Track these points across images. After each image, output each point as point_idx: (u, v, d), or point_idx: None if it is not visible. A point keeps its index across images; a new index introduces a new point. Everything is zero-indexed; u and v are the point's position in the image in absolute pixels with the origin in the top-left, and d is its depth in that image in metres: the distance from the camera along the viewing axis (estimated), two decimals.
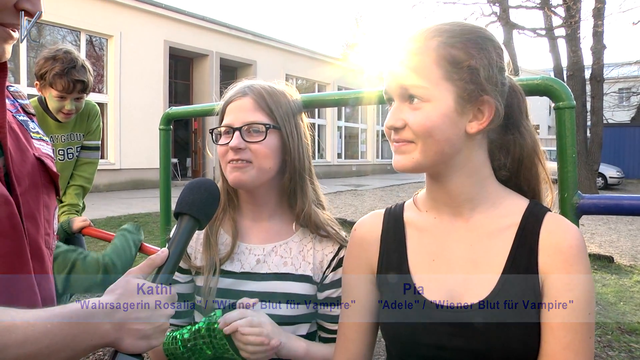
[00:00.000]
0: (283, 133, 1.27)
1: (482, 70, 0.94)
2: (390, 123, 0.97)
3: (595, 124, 16.18)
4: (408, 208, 1.13)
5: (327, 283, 1.28)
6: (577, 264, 0.92)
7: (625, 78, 25.11)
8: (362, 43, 41.43)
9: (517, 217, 0.99)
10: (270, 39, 18.12)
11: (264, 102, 1.26)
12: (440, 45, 0.94)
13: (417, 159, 0.96)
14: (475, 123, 0.96)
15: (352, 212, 10.65)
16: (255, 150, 1.23)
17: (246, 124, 1.23)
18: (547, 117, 33.71)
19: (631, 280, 6.12)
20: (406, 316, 1.01)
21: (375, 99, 1.47)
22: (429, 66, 0.93)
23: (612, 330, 4.42)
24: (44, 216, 0.98)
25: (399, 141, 0.97)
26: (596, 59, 16.21)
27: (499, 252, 0.98)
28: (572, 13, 15.28)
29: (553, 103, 1.15)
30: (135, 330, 0.86)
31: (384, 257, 1.09)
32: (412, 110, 0.95)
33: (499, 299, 0.93)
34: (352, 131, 23.84)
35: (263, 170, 1.24)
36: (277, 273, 1.26)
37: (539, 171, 1.07)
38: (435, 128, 0.93)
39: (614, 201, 1.10)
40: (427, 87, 0.93)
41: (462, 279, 0.99)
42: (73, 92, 2.60)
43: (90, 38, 13.04)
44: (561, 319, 0.90)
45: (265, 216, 1.33)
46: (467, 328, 0.94)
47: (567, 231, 0.95)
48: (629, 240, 8.85)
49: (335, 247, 1.30)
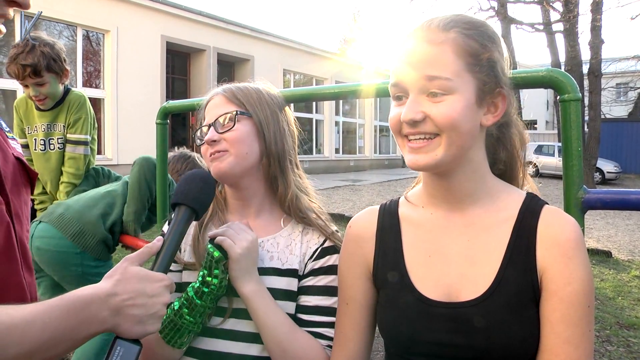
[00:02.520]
0: (255, 119, 1.28)
1: (498, 64, 0.95)
2: (410, 116, 0.92)
3: (593, 119, 16.21)
4: (402, 204, 1.12)
5: (306, 272, 1.27)
6: (576, 256, 0.91)
7: (622, 73, 25.10)
8: (360, 38, 41.40)
9: (514, 211, 0.98)
10: (268, 34, 18.04)
11: (232, 95, 1.30)
12: (459, 36, 0.92)
13: (439, 156, 0.93)
14: (490, 116, 0.96)
15: (349, 208, 10.64)
16: (229, 138, 1.25)
17: (217, 116, 1.27)
18: (545, 112, 33.72)
19: (629, 275, 6.13)
20: (403, 313, 1.00)
21: (373, 92, 1.45)
22: (451, 57, 0.91)
23: (610, 325, 4.42)
24: (25, 214, 1.00)
25: (417, 134, 0.94)
26: (594, 54, 16.24)
27: (497, 246, 0.97)
28: (570, 8, 15.27)
29: (558, 95, 1.13)
30: (132, 316, 0.87)
31: (379, 254, 1.08)
32: (433, 102, 0.92)
33: (496, 295, 0.92)
34: (349, 126, 23.79)
35: (240, 156, 1.25)
36: (262, 267, 1.24)
37: (522, 167, 1.07)
38: (459, 120, 0.91)
39: (620, 196, 1.08)
40: (451, 79, 0.90)
41: (459, 274, 0.98)
42: (26, 78, 2.59)
43: (87, 33, 12.95)
44: (560, 313, 0.89)
45: (253, 212, 1.33)
46: (464, 324, 0.93)
47: (565, 224, 0.94)
48: (626, 235, 8.87)
49: (321, 239, 1.29)
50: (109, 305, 0.84)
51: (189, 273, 1.28)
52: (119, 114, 13.00)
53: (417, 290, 0.99)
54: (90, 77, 13.18)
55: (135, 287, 0.88)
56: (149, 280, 0.91)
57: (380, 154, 25.02)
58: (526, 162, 1.08)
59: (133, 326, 0.87)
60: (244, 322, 1.22)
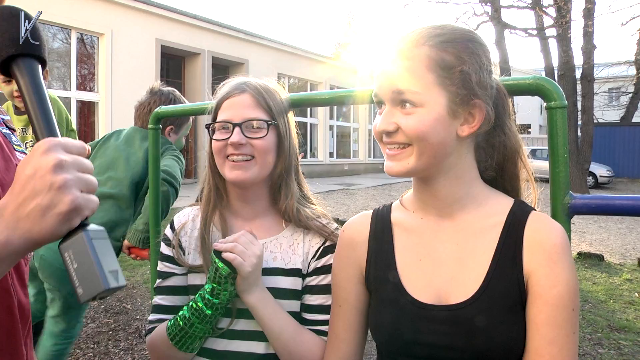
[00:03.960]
0: (280, 130, 1.28)
1: (473, 75, 0.95)
2: (382, 127, 0.98)
3: (586, 123, 16.32)
4: (395, 209, 1.14)
5: (310, 271, 1.29)
6: (561, 261, 0.93)
7: (615, 78, 25.31)
8: (354, 42, 41.46)
9: (502, 216, 1.01)
10: (263, 38, 18.07)
11: (262, 99, 1.27)
12: (432, 50, 0.94)
13: (411, 165, 0.97)
14: (467, 127, 0.98)
15: (344, 212, 10.65)
16: (258, 146, 1.23)
17: (247, 119, 1.24)
18: (539, 116, 33.90)
19: (621, 278, 6.17)
20: (394, 316, 1.02)
21: (367, 98, 1.46)
22: (421, 71, 0.94)
23: (602, 328, 4.45)
24: None
25: (392, 144, 0.98)
26: (586, 59, 16.36)
27: (485, 250, 0.99)
28: (563, 13, 15.38)
29: (545, 103, 1.15)
30: (29, 212, 0.65)
31: (372, 258, 1.11)
32: (404, 114, 0.95)
33: (484, 297, 0.95)
34: (344, 130, 23.84)
35: (265, 166, 1.25)
36: (266, 268, 1.25)
37: (520, 171, 1.09)
38: (428, 132, 0.94)
39: (606, 201, 1.10)
40: (420, 92, 0.93)
41: (449, 277, 1.00)
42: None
43: (81, 36, 12.93)
44: (545, 315, 0.92)
45: (257, 214, 1.33)
46: (454, 326, 0.95)
47: (550, 230, 0.96)
48: (618, 239, 8.93)
49: (322, 239, 1.31)
50: (1, 221, 0.66)
51: (195, 275, 1.29)
52: (113, 117, 12.97)
53: (408, 293, 1.01)
54: (84, 80, 13.15)
55: (21, 180, 0.67)
56: (30, 159, 0.68)
57: (374, 158, 25.07)
58: (526, 166, 1.09)
59: (42, 220, 0.65)
60: (250, 321, 1.23)
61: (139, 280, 5.45)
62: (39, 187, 0.65)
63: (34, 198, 0.65)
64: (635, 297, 5.41)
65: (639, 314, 4.88)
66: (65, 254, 0.67)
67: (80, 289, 0.65)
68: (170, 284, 1.33)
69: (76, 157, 0.69)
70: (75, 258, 0.66)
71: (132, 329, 4.15)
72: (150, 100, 2.76)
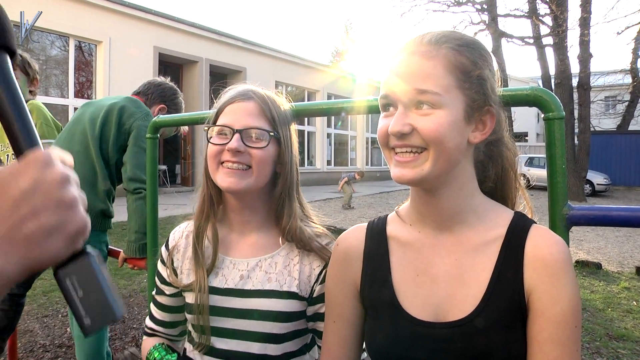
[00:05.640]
0: (281, 143, 1.24)
1: (488, 81, 0.95)
2: (397, 129, 0.91)
3: (583, 131, 16.39)
4: (391, 221, 1.11)
5: (316, 297, 1.24)
6: (563, 277, 0.90)
7: (611, 86, 25.43)
8: (352, 50, 41.61)
9: (503, 230, 0.98)
10: (261, 46, 18.12)
11: (267, 109, 1.22)
12: (451, 52, 0.92)
13: (426, 171, 0.92)
14: (478, 133, 0.96)
15: (341, 220, 10.63)
16: (256, 156, 1.19)
17: (249, 127, 1.19)
18: (536, 124, 34.01)
19: (618, 286, 6.17)
20: (389, 333, 0.99)
21: (365, 108, 1.46)
22: (442, 72, 0.91)
23: (600, 337, 4.44)
24: None
25: (404, 147, 0.93)
26: (583, 67, 16.46)
27: (485, 266, 0.96)
28: (560, 22, 15.49)
29: (543, 113, 1.15)
30: (30, 233, 0.54)
31: (367, 273, 1.07)
32: (421, 116, 0.91)
33: (483, 315, 0.92)
34: (341, 138, 23.85)
35: (261, 178, 1.21)
36: (261, 290, 1.22)
37: (515, 182, 1.07)
38: (446, 135, 0.90)
39: (604, 212, 1.10)
40: (440, 94, 0.90)
41: (447, 294, 0.97)
42: None
43: (79, 43, 12.94)
44: (548, 332, 0.89)
45: (252, 228, 1.29)
46: (449, 344, 0.93)
47: (553, 245, 0.93)
48: (616, 247, 8.93)
49: (324, 261, 1.25)
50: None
51: (189, 294, 1.26)
52: None
53: (404, 310, 0.99)
54: (82, 88, 13.15)
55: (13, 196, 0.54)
56: (25, 176, 0.55)
57: (372, 166, 25.08)
58: (519, 176, 1.07)
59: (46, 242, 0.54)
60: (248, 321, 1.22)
61: (135, 289, 5.41)
62: (42, 205, 0.54)
63: (36, 217, 0.54)
64: (634, 306, 5.40)
65: (637, 323, 4.87)
66: (66, 281, 0.57)
67: (88, 319, 0.56)
68: (160, 301, 1.36)
69: (72, 170, 0.60)
70: (80, 285, 0.57)
71: (129, 338, 4.12)
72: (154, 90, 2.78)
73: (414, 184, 0.97)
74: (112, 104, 2.59)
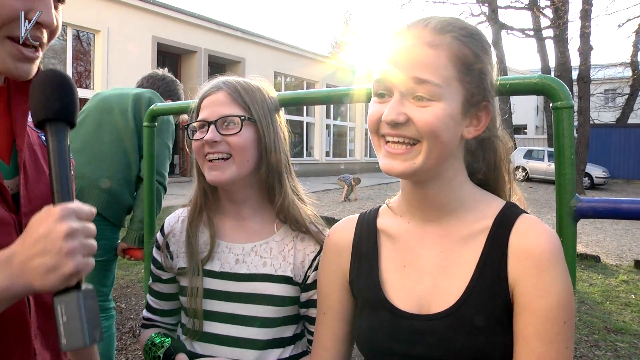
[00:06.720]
0: (259, 126, 1.25)
1: (488, 76, 0.92)
2: (391, 117, 0.87)
3: (583, 124, 16.37)
4: (382, 213, 1.09)
5: (309, 283, 1.25)
6: (550, 269, 0.86)
7: (610, 79, 25.35)
8: (351, 41, 41.50)
9: (490, 221, 0.94)
10: (260, 37, 18.02)
11: (238, 96, 1.25)
12: (454, 42, 0.88)
13: (417, 165, 0.89)
14: (472, 129, 0.93)
15: (340, 211, 10.63)
16: (232, 143, 1.20)
17: (221, 116, 1.22)
18: (535, 117, 33.99)
19: (617, 279, 6.18)
20: (376, 324, 0.98)
21: (364, 97, 1.43)
22: (444, 63, 0.87)
23: (598, 330, 4.44)
24: None
25: (397, 137, 0.89)
26: (583, 60, 16.41)
27: (470, 258, 0.93)
28: (560, 14, 15.43)
29: (551, 103, 1.11)
30: (36, 267, 0.73)
31: (355, 264, 1.06)
32: (418, 107, 0.87)
33: (465, 308, 0.89)
34: (340, 129, 23.82)
35: (243, 164, 1.22)
36: (256, 274, 1.23)
37: (508, 173, 1.03)
38: (442, 128, 0.86)
39: (613, 204, 1.07)
40: (440, 86, 0.86)
41: (432, 286, 0.95)
42: None
43: (77, 33, 12.86)
44: (534, 327, 0.85)
45: (247, 215, 1.30)
46: (431, 337, 0.91)
47: (539, 235, 0.89)
48: (614, 240, 8.94)
49: (318, 247, 1.26)
50: (9, 268, 0.75)
51: (184, 278, 1.27)
52: None
53: (388, 301, 0.97)
54: (80, 77, 13.08)
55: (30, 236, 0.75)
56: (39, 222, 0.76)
57: (370, 158, 25.06)
58: (513, 170, 1.04)
59: (45, 277, 0.73)
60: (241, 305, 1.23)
61: (133, 280, 5.40)
62: (48, 248, 0.73)
63: (43, 256, 0.73)
64: (632, 299, 5.41)
65: (635, 316, 4.87)
66: (58, 306, 0.74)
67: (64, 340, 0.72)
68: (157, 289, 1.37)
69: (85, 223, 0.77)
70: (65, 312, 0.73)
71: (126, 328, 4.11)
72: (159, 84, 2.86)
73: (404, 177, 0.94)
74: (137, 94, 2.65)
